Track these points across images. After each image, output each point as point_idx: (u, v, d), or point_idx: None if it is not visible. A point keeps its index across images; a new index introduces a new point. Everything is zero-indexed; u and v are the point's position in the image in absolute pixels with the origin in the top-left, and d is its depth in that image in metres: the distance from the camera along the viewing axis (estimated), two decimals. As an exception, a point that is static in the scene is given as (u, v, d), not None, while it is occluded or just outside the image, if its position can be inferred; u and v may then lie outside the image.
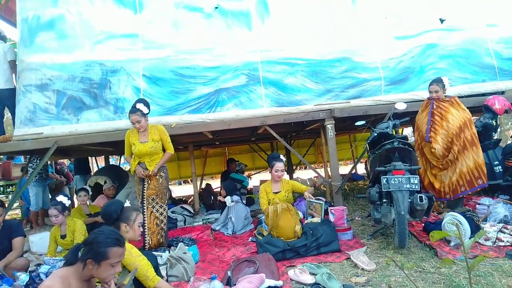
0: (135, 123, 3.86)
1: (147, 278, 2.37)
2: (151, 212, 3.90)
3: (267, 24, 5.07)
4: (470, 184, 3.96)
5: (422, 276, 2.73)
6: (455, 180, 3.99)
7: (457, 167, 3.98)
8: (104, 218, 2.65)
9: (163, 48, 4.84)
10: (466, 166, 3.95)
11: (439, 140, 4.00)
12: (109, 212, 2.59)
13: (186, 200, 7.87)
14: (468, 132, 3.98)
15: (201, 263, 3.58)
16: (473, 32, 5.34)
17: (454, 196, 4.02)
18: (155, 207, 3.92)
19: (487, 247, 3.20)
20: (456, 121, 3.97)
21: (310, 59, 5.03)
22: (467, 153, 3.96)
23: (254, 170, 11.35)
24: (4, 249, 3.50)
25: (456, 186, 3.99)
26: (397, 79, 5.12)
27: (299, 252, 3.44)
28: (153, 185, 3.95)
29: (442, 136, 3.98)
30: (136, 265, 2.34)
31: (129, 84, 4.75)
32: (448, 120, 3.99)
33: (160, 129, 4.07)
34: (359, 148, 10.57)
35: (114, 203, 2.69)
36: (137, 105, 3.89)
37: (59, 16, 4.74)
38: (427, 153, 4.16)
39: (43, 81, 4.65)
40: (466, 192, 3.99)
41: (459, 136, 3.94)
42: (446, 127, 3.98)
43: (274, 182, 4.46)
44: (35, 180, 6.20)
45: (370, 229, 4.17)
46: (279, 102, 4.92)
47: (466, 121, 3.99)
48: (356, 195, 5.77)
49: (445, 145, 3.98)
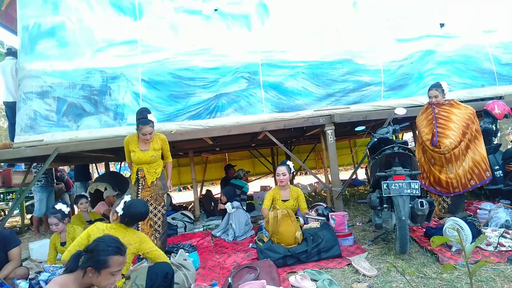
0: (147, 134, 3.82)
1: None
2: None
3: (267, 25, 5.09)
4: (479, 177, 3.98)
5: (424, 282, 2.72)
6: (463, 174, 3.99)
7: (464, 161, 3.99)
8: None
9: (162, 51, 4.87)
10: (473, 160, 3.98)
11: (450, 135, 3.99)
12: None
13: (186, 207, 7.86)
14: (474, 126, 4.03)
15: (201, 270, 3.56)
16: (471, 38, 5.38)
17: (464, 190, 4.03)
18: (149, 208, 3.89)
19: (489, 252, 3.18)
20: (461, 119, 4.00)
21: (311, 61, 5.04)
22: (473, 147, 3.99)
23: (254, 176, 11.35)
24: (1, 262, 3.45)
25: (465, 180, 4.00)
26: (396, 84, 5.16)
27: (300, 258, 3.42)
28: (147, 186, 3.94)
29: (452, 137, 3.97)
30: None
31: (128, 90, 4.77)
32: (453, 121, 4.01)
33: (163, 139, 4.06)
34: (359, 154, 10.58)
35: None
36: (149, 116, 3.87)
37: (60, 24, 4.78)
38: (429, 150, 4.16)
39: (44, 88, 4.68)
40: (476, 185, 4.00)
41: (466, 132, 3.97)
42: (453, 128, 3.99)
43: (282, 189, 4.34)
44: (39, 186, 6.19)
45: (371, 234, 4.15)
46: (279, 106, 4.94)
47: (470, 116, 4.04)
48: (357, 200, 5.76)
49: (454, 144, 3.97)
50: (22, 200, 6.41)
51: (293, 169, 4.44)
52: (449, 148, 3.96)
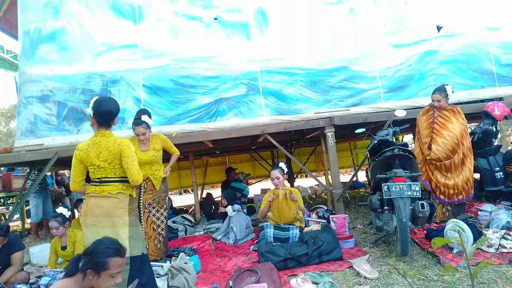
0: (140, 135, 3.87)
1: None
2: (148, 216, 3.89)
3: (266, 34, 5.14)
4: (467, 193, 4.03)
5: (425, 284, 2.71)
6: (460, 184, 4.00)
7: (461, 174, 4.00)
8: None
9: (162, 56, 4.89)
10: (465, 175, 4.00)
11: (440, 142, 4.01)
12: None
13: (187, 210, 7.86)
14: (467, 142, 4.04)
15: (202, 273, 3.55)
16: (474, 36, 5.36)
17: (458, 200, 4.03)
18: (151, 212, 3.90)
19: (490, 254, 3.17)
20: (457, 129, 4.00)
21: (308, 69, 5.08)
22: (466, 162, 3.99)
23: (254, 178, 11.33)
24: (5, 266, 3.46)
25: (461, 190, 4.01)
26: (396, 86, 5.16)
27: (300, 261, 3.41)
28: (149, 189, 3.94)
29: (441, 145, 3.99)
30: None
31: (129, 94, 4.79)
32: (449, 129, 4.00)
33: (162, 138, 4.08)
34: (360, 156, 10.55)
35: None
36: (142, 117, 3.90)
37: (60, 29, 4.80)
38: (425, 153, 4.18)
39: (44, 92, 4.69)
40: (465, 199, 4.03)
41: (462, 143, 3.97)
42: (446, 136, 3.98)
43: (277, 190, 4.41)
44: (34, 192, 6.19)
45: (372, 237, 4.14)
46: (279, 111, 4.96)
47: (465, 130, 4.06)
48: (358, 202, 5.74)
49: (444, 152, 3.98)
50: (23, 204, 6.41)
51: (286, 169, 4.42)
52: (436, 156, 3.98)
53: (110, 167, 2.56)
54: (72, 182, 2.68)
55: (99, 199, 2.50)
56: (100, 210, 2.47)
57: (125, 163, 2.54)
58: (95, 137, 2.63)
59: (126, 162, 2.54)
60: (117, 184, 2.56)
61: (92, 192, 2.52)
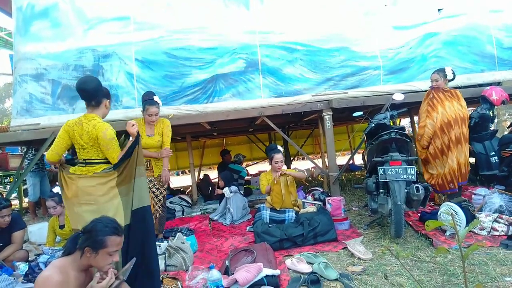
0: (153, 115, 3.83)
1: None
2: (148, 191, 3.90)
3: (266, 4, 4.96)
4: (463, 178, 4.04)
5: (418, 265, 2.77)
6: (452, 170, 4.00)
7: (447, 162, 3.97)
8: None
9: (156, 28, 4.72)
10: (458, 161, 3.98)
11: (428, 124, 4.03)
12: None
13: (184, 191, 7.90)
14: (465, 129, 4.01)
15: (199, 253, 3.60)
16: (475, 18, 5.26)
17: (451, 190, 4.04)
18: (151, 189, 3.90)
19: (482, 236, 3.23)
20: (446, 115, 3.95)
21: (309, 45, 4.95)
22: (460, 148, 3.98)
23: (252, 160, 11.38)
24: (5, 244, 3.50)
25: (452, 179, 4.01)
26: (396, 68, 5.09)
27: (296, 242, 3.47)
28: (151, 167, 3.94)
29: (428, 126, 4.00)
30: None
31: (121, 69, 4.66)
32: (438, 112, 3.98)
33: (166, 123, 4.01)
34: (357, 139, 10.58)
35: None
36: (154, 98, 3.87)
37: (53, 5, 4.67)
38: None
39: (39, 70, 4.61)
40: (460, 183, 4.04)
41: (447, 130, 3.93)
42: (434, 118, 3.98)
43: (274, 172, 4.39)
44: (31, 171, 6.19)
45: (367, 219, 4.20)
46: (278, 92, 4.88)
47: (464, 117, 4.01)
48: (353, 185, 5.81)
49: (427, 135, 3.99)
50: (20, 183, 6.41)
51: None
52: (422, 137, 4.00)
53: (93, 149, 2.56)
54: (52, 152, 2.61)
55: (88, 179, 2.48)
56: (92, 189, 2.46)
57: (103, 149, 2.54)
58: (82, 117, 2.62)
59: (102, 149, 2.55)
60: (102, 166, 2.55)
61: (79, 173, 2.51)
